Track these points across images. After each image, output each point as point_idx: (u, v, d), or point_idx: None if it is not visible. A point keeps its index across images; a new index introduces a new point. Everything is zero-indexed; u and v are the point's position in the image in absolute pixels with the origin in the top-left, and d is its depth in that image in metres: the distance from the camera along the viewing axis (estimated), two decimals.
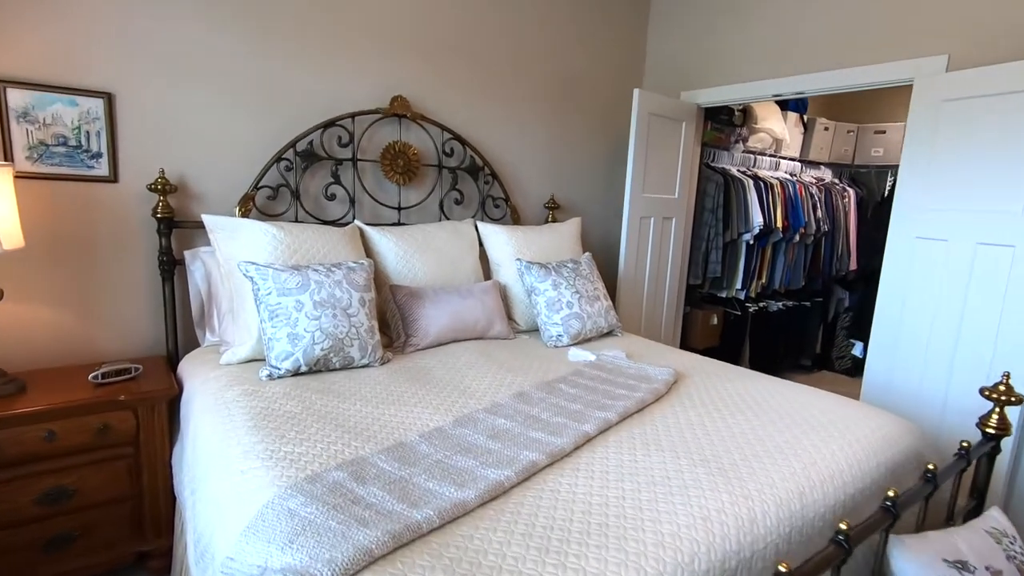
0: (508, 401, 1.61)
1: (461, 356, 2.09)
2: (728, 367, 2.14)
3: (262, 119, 2.33)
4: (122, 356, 2.13)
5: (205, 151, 2.22)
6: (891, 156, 4.41)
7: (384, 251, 2.34)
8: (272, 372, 1.76)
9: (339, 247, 2.13)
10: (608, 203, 3.63)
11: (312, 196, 2.49)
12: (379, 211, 2.67)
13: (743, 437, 1.48)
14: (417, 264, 2.37)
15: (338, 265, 1.97)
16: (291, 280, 1.81)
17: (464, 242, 2.58)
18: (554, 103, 3.21)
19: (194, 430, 1.60)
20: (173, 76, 2.11)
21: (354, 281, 1.94)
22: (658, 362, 2.17)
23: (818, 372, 4.77)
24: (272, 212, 2.37)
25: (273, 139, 2.36)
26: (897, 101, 4.51)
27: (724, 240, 3.58)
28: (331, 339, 1.81)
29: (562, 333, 2.35)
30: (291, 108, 2.39)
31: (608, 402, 1.64)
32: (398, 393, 1.69)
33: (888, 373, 2.49)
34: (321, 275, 1.88)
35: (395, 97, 2.59)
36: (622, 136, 3.58)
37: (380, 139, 2.62)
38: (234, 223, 2.00)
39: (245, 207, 2.25)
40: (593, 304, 2.45)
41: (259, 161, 2.33)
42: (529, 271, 2.44)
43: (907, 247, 2.40)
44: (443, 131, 2.76)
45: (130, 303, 2.13)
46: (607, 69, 3.41)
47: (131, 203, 2.09)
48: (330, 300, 1.84)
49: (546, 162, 3.26)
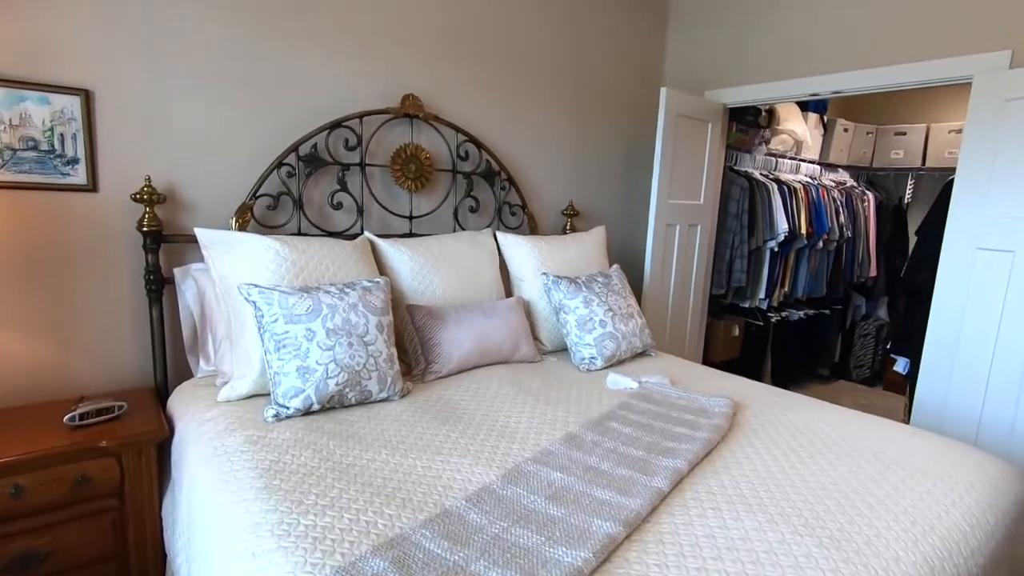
0: (559, 447, 1.38)
1: (490, 385, 1.86)
2: (781, 393, 1.94)
3: (261, 120, 2.08)
4: (103, 389, 1.87)
5: (197, 156, 1.97)
6: (911, 159, 4.26)
7: (398, 266, 2.10)
8: (279, 412, 1.52)
9: (350, 263, 1.90)
10: (627, 209, 3.42)
11: (316, 205, 2.25)
12: (388, 221, 2.44)
13: (837, 488, 1.27)
14: (434, 280, 2.14)
15: (351, 285, 1.74)
16: (300, 305, 1.58)
17: (484, 254, 2.35)
18: (571, 103, 2.99)
19: (189, 485, 1.36)
20: (161, 71, 1.86)
21: (370, 304, 1.70)
22: (703, 388, 1.96)
23: (836, 382, 4.61)
24: (272, 223, 2.12)
25: (273, 142, 2.12)
26: (919, 101, 4.36)
27: (749, 247, 3.39)
28: (347, 372, 1.58)
29: (595, 355, 2.13)
30: (293, 108, 2.15)
31: (671, 445, 1.43)
32: (428, 437, 1.46)
33: (943, 395, 2.30)
34: (333, 297, 1.64)
35: (406, 96, 2.36)
36: (640, 138, 3.37)
37: (389, 142, 2.39)
38: (231, 237, 1.76)
39: (242, 218, 2.01)
40: (627, 322, 2.24)
41: (258, 167, 2.09)
42: (557, 287, 2.22)
43: (966, 259, 2.22)
44: (457, 133, 2.53)
45: (112, 328, 1.88)
46: (624, 68, 3.20)
47: (113, 215, 1.84)
48: (345, 327, 1.61)
49: (563, 166, 3.04)
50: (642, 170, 3.43)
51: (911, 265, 2.52)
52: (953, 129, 4.03)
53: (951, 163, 4.06)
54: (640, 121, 3.35)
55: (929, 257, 2.45)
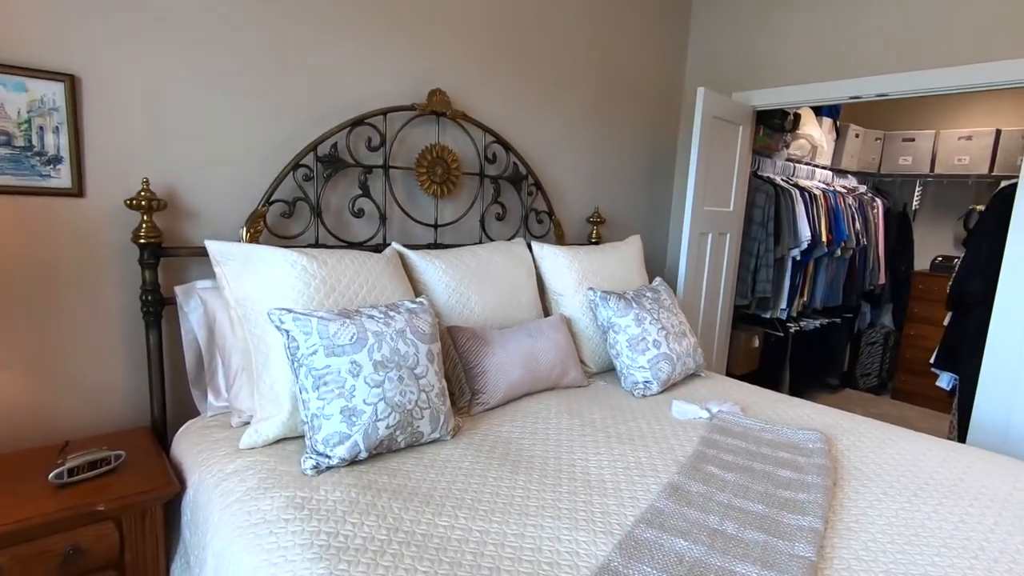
0: (666, 504, 1.17)
1: (547, 418, 1.64)
2: (863, 421, 1.78)
3: (275, 116, 1.82)
4: (91, 431, 1.58)
5: (202, 156, 1.69)
6: (919, 165, 4.22)
7: (432, 282, 1.86)
8: (319, 463, 1.26)
9: (384, 280, 1.65)
10: (652, 216, 3.25)
11: (333, 212, 1.99)
12: (410, 229, 2.19)
13: (1001, 553, 1.10)
14: (473, 297, 1.91)
15: (395, 308, 1.49)
16: (343, 333, 1.33)
17: (521, 267, 2.13)
18: (595, 104, 2.80)
19: (217, 561, 1.09)
20: (161, 56, 1.59)
21: (419, 329, 1.46)
22: (774, 415, 1.78)
23: (843, 391, 4.55)
24: (286, 233, 1.86)
25: (288, 141, 1.85)
26: (929, 107, 4.33)
27: (775, 256, 3.26)
28: (398, 412, 1.33)
29: (650, 379, 1.93)
30: (310, 103, 1.89)
31: (787, 495, 1.23)
32: (505, 491, 1.23)
33: (1005, 414, 2.18)
34: (379, 323, 1.40)
35: (433, 91, 2.12)
36: (662, 142, 3.20)
37: (412, 142, 2.15)
38: (249, 251, 1.49)
39: (254, 228, 1.74)
40: (681, 342, 2.05)
41: (271, 169, 1.82)
42: (606, 303, 2.02)
43: None
44: (485, 133, 2.31)
45: (102, 358, 1.59)
46: (646, 67, 3.03)
47: (103, 224, 1.55)
48: (394, 358, 1.37)
49: (588, 170, 2.85)
50: (663, 175, 3.26)
51: (961, 276, 2.40)
52: (963, 136, 4.00)
53: (960, 170, 4.03)
54: (661, 124, 3.18)
55: (982, 267, 2.34)
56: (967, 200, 4.27)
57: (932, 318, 4.22)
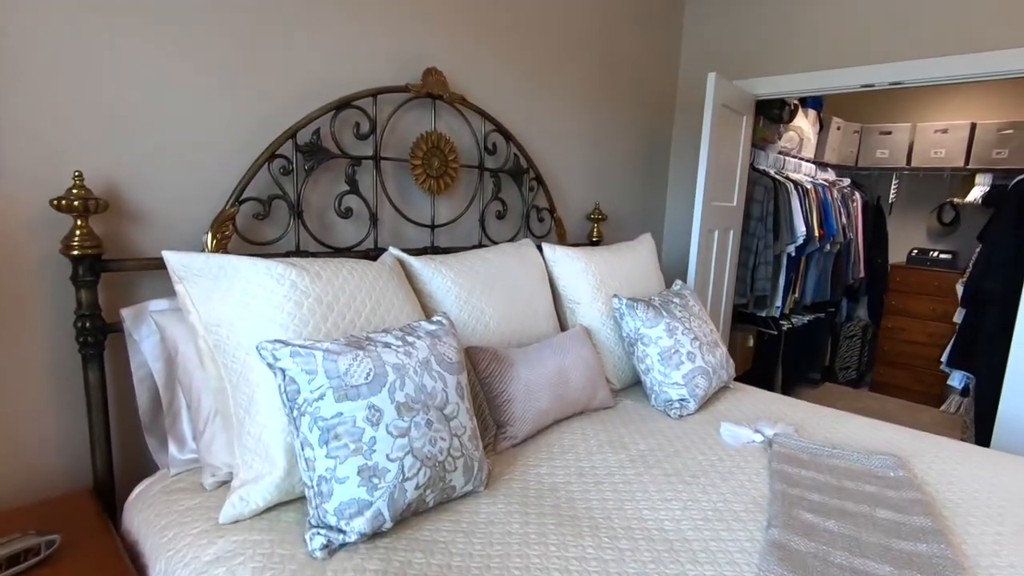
0: (780, 572, 0.95)
1: (590, 454, 1.40)
2: (922, 436, 1.62)
3: (246, 95, 1.49)
4: (14, 501, 1.22)
5: (154, 143, 1.35)
6: (896, 158, 4.22)
7: (439, 293, 1.58)
8: (331, 540, 0.97)
9: (388, 294, 1.36)
10: (647, 211, 3.05)
11: (315, 212, 1.67)
12: (402, 231, 1.90)
13: None
14: (487, 310, 1.64)
15: (412, 331, 1.21)
16: (357, 370, 1.03)
17: (534, 273, 1.87)
18: (593, 92, 2.56)
19: None
20: (102, 15, 1.23)
21: (445, 358, 1.18)
22: (829, 433, 1.61)
23: (824, 385, 4.53)
24: (260, 238, 1.53)
25: (262, 126, 1.53)
26: (905, 100, 4.33)
27: (774, 252, 3.13)
28: (429, 466, 1.06)
29: (686, 396, 1.72)
30: (287, 81, 1.56)
31: (907, 546, 1.04)
32: (576, 565, 0.97)
33: None
34: (397, 353, 1.11)
35: (428, 71, 1.83)
36: (659, 133, 3.01)
37: (403, 131, 1.85)
38: (222, 264, 1.17)
39: (221, 233, 1.41)
40: (715, 352, 1.84)
41: (242, 160, 1.49)
42: (633, 312, 1.79)
43: None
44: (485, 120, 2.03)
45: (25, 404, 1.23)
46: (642, 53, 2.81)
47: (19, 231, 1.19)
48: (419, 398, 1.08)
49: (586, 163, 2.61)
50: (659, 167, 3.08)
51: (976, 273, 2.32)
52: (939, 129, 4.01)
53: (936, 163, 4.04)
54: (656, 114, 2.99)
55: (1000, 264, 2.26)
56: (941, 193, 4.31)
57: (909, 310, 4.25)
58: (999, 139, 3.78)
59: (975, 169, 3.92)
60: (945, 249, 4.22)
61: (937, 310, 4.17)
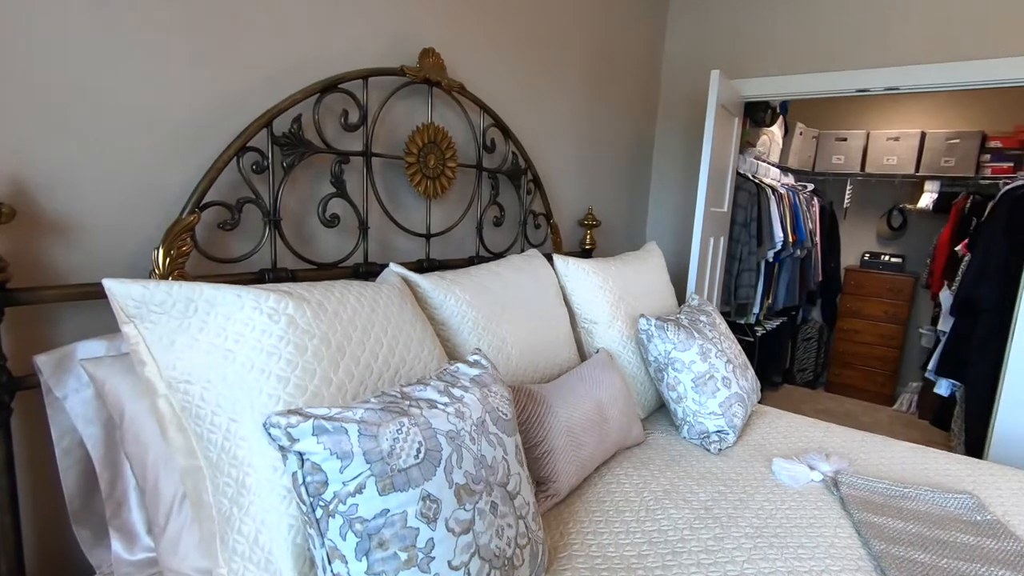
0: None
1: (651, 509, 1.18)
2: (977, 464, 1.52)
3: (206, 70, 1.15)
4: None
5: (82, 130, 0.99)
6: (851, 164, 4.31)
7: (453, 319, 1.31)
8: None
9: (406, 327, 1.08)
10: (632, 216, 2.88)
11: (293, 219, 1.35)
12: (391, 241, 1.60)
13: None
14: (507, 338, 1.38)
15: (453, 379, 0.93)
16: (404, 445, 0.75)
17: (550, 291, 1.63)
18: (584, 87, 2.35)
19: None
20: None
21: (500, 414, 0.92)
22: (881, 465, 1.48)
23: (784, 387, 4.59)
24: (226, 254, 1.20)
25: (228, 110, 1.19)
26: (858, 108, 4.43)
27: (758, 259, 3.06)
28: (497, 568, 0.79)
29: (724, 428, 1.54)
30: (258, 55, 1.24)
31: None
32: None
33: None
34: (447, 414, 0.83)
35: (426, 52, 1.54)
36: (642, 134, 2.85)
37: (393, 123, 1.56)
38: (191, 295, 0.85)
39: (177, 248, 1.07)
40: (746, 375, 1.68)
41: (202, 153, 1.15)
42: (663, 334, 1.58)
43: None
44: (483, 113, 1.76)
45: None
46: (628, 51, 2.64)
47: None
48: (480, 475, 0.82)
49: (579, 165, 2.40)
50: (643, 170, 2.92)
51: (967, 281, 2.32)
52: (891, 137, 4.13)
53: (889, 170, 4.17)
54: (642, 114, 2.83)
55: (991, 273, 2.26)
56: (891, 199, 4.45)
57: (863, 312, 4.36)
58: (947, 148, 3.92)
59: (924, 176, 4.06)
60: (895, 253, 4.36)
61: (889, 312, 4.30)
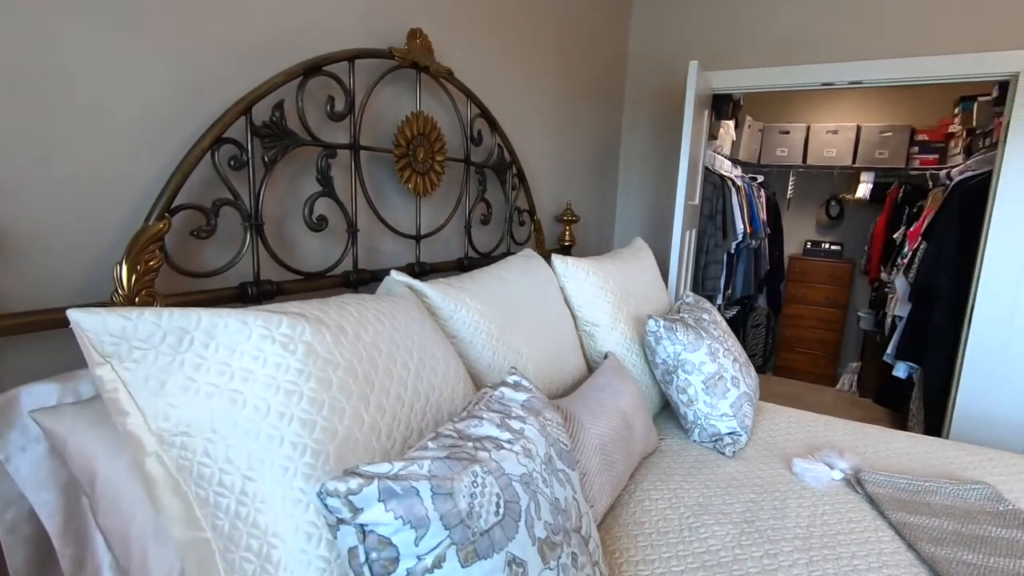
0: None
1: (693, 531, 1.10)
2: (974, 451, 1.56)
3: (176, 50, 0.95)
4: None
5: (23, 124, 0.78)
6: (794, 156, 4.47)
7: (466, 331, 1.17)
8: None
9: (428, 346, 0.94)
10: (603, 211, 2.82)
11: (273, 223, 1.17)
12: (377, 244, 1.44)
13: None
14: (522, 349, 1.26)
15: (502, 407, 0.81)
16: (482, 500, 0.62)
17: (552, 293, 1.52)
18: (557, 77, 2.25)
19: None
20: None
21: (562, 445, 0.80)
22: (890, 457, 1.49)
23: None
24: (201, 267, 1.01)
25: (201, 98, 1.00)
26: (798, 101, 4.60)
27: (723, 251, 3.09)
28: None
29: (737, 429, 1.49)
30: (235, 29, 1.04)
31: None
32: None
33: (987, 407, 2.22)
34: (514, 454, 0.71)
35: (414, 32, 1.39)
36: (610, 126, 2.79)
37: (377, 111, 1.39)
38: (185, 325, 0.68)
39: (144, 261, 0.87)
40: (751, 372, 1.65)
41: (169, 146, 0.95)
42: (672, 336, 1.52)
43: (1014, 262, 2.13)
44: (470, 102, 1.62)
45: None
46: (594, 38, 2.56)
47: None
48: (558, 523, 0.70)
49: (554, 158, 2.30)
50: (612, 163, 2.87)
51: (924, 269, 2.42)
52: (830, 130, 4.31)
53: (828, 162, 4.35)
54: (608, 106, 2.77)
55: (948, 261, 2.37)
56: (829, 189, 4.67)
57: (806, 298, 4.56)
58: (880, 140, 4.14)
59: (860, 168, 4.27)
60: (834, 241, 4.58)
61: (830, 297, 4.51)
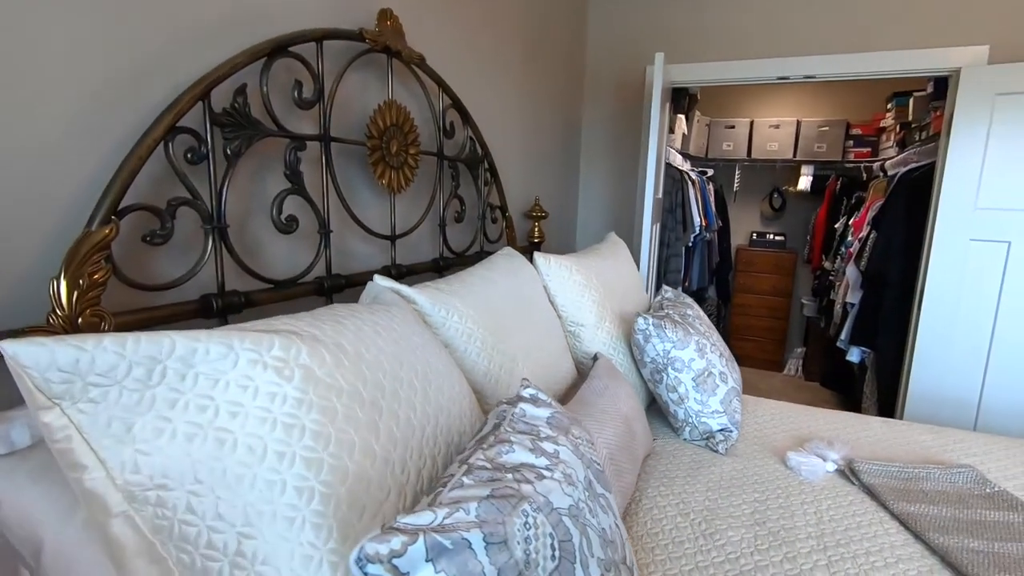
0: None
1: (708, 539, 1.05)
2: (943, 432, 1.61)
3: (121, 22, 0.79)
4: None
5: None
6: (739, 151, 4.60)
7: (459, 340, 1.07)
8: None
9: (431, 360, 0.84)
10: (565, 205, 2.77)
11: (238, 223, 1.02)
12: (348, 246, 1.32)
13: None
14: (517, 356, 1.17)
15: (527, 427, 0.72)
16: (537, 546, 0.53)
17: (538, 295, 1.44)
18: (521, 68, 2.17)
19: None
20: None
21: (594, 464, 0.73)
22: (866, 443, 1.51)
23: None
24: (156, 278, 0.86)
25: (151, 79, 0.84)
26: (739, 97, 4.73)
27: (683, 244, 3.11)
28: None
29: (728, 425, 1.47)
30: (188, 7, 0.90)
31: None
32: None
33: (937, 385, 2.34)
34: (557, 483, 0.62)
35: (384, 13, 1.27)
36: (571, 120, 2.74)
37: (346, 100, 1.27)
38: (154, 354, 0.55)
39: (87, 274, 0.72)
40: (735, 366, 1.63)
41: (113, 136, 0.80)
42: (661, 333, 1.47)
43: (958, 250, 2.24)
44: (441, 91, 1.51)
45: None
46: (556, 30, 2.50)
47: None
48: (608, 557, 0.62)
49: (521, 152, 2.23)
50: (573, 158, 2.82)
51: (875, 257, 2.52)
52: (772, 125, 4.46)
53: (771, 155, 4.51)
54: (568, 99, 2.72)
55: (896, 250, 2.48)
56: (771, 182, 4.84)
57: (754, 287, 4.71)
58: (819, 135, 4.32)
59: (801, 161, 4.44)
60: (778, 232, 4.75)
61: (775, 286, 4.68)
